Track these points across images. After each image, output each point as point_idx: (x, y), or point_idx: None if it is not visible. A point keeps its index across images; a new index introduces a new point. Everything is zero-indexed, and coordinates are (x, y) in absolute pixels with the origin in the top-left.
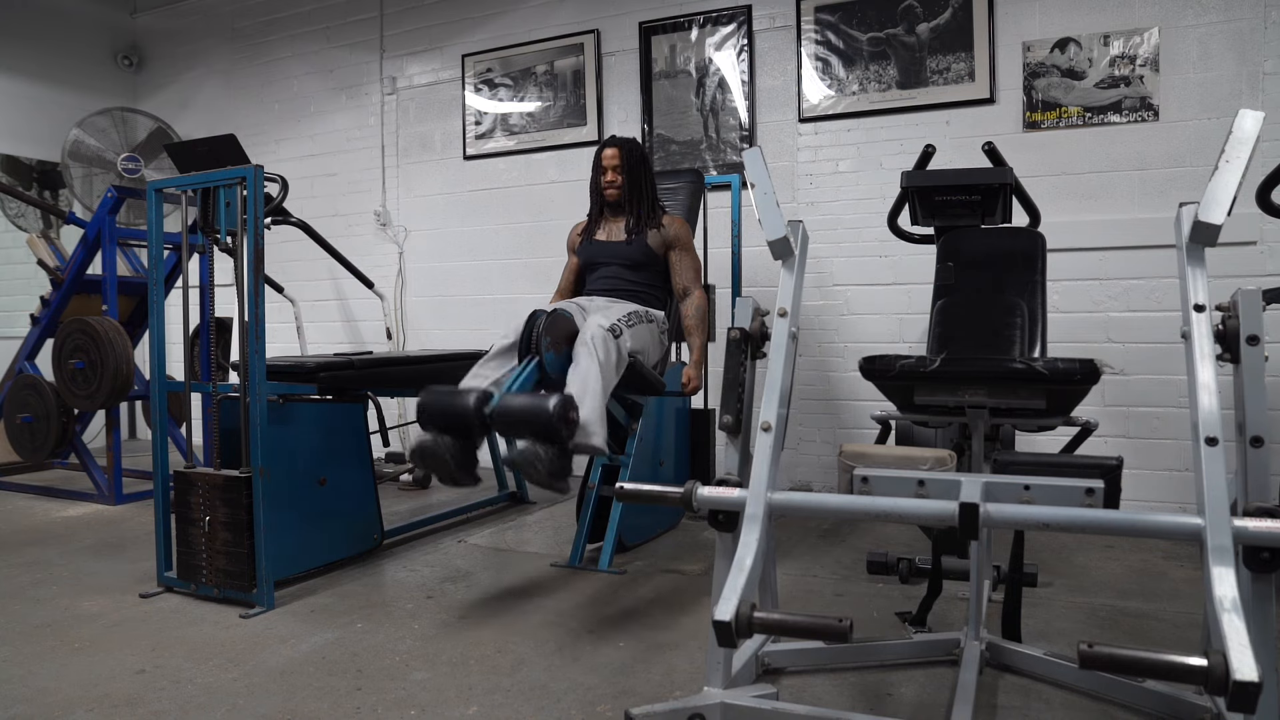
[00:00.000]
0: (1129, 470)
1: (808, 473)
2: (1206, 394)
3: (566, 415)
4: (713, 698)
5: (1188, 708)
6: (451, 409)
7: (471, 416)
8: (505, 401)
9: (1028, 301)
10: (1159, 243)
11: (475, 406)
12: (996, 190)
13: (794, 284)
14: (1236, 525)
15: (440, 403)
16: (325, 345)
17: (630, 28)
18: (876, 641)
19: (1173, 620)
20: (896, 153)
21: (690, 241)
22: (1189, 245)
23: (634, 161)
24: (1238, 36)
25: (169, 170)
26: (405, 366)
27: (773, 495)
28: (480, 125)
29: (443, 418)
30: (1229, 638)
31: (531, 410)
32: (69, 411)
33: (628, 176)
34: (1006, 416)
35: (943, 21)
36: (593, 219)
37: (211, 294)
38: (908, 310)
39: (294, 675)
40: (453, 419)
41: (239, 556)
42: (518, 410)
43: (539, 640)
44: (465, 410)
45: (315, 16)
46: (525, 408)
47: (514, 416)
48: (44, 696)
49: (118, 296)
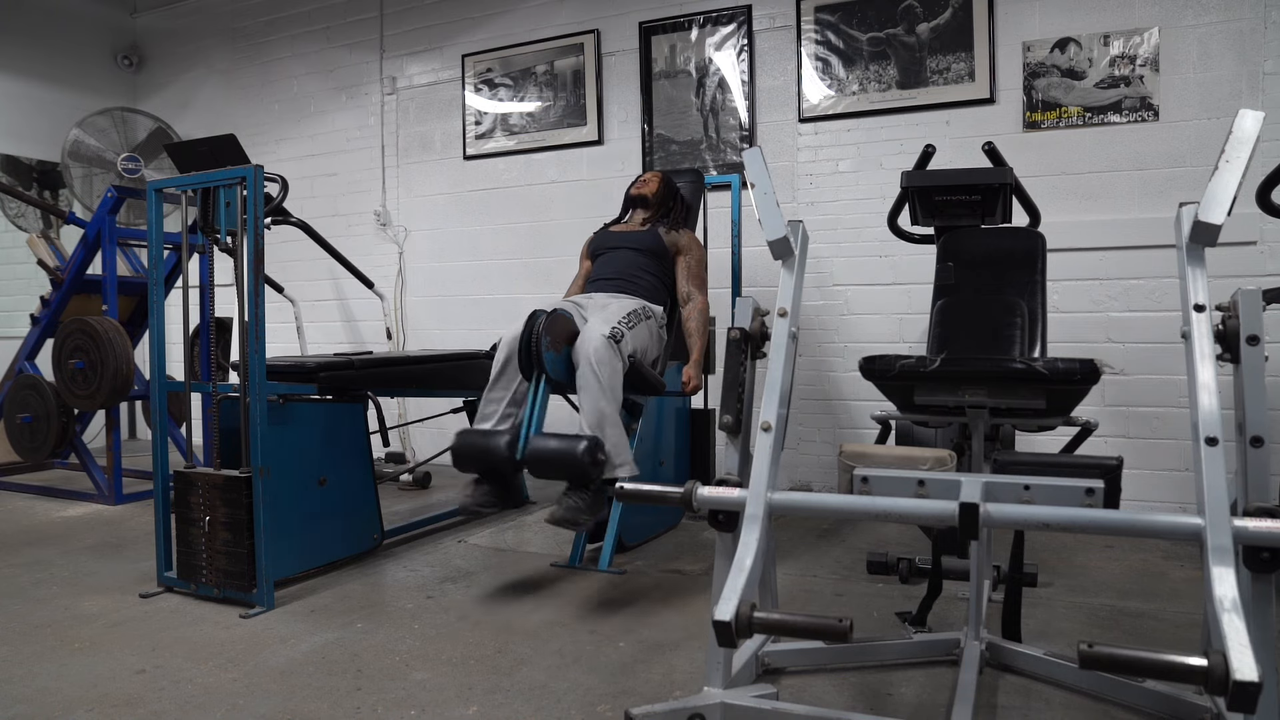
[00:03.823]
0: (1129, 470)
1: (808, 473)
2: (1206, 394)
3: (595, 457)
4: (713, 698)
5: (1188, 708)
6: (485, 453)
7: (505, 462)
8: (535, 445)
9: (1028, 301)
10: (1159, 243)
11: (507, 452)
12: (996, 190)
13: (794, 284)
14: (1236, 525)
15: (474, 445)
16: (325, 345)
17: (630, 28)
18: (876, 641)
19: (1173, 620)
20: (896, 153)
21: (701, 255)
22: (1189, 245)
23: (671, 186)
24: (1238, 36)
25: (169, 170)
26: (405, 366)
27: (773, 495)
28: (480, 125)
29: (478, 462)
30: (1229, 638)
31: (563, 456)
32: (69, 411)
33: (663, 187)
34: (1006, 416)
35: (943, 21)
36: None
37: (211, 294)
38: (908, 310)
39: (294, 675)
40: (487, 463)
41: (239, 556)
42: (549, 455)
43: (539, 640)
44: (499, 455)
45: (315, 16)
46: (556, 453)
47: (546, 462)
48: (44, 696)
49: (118, 296)
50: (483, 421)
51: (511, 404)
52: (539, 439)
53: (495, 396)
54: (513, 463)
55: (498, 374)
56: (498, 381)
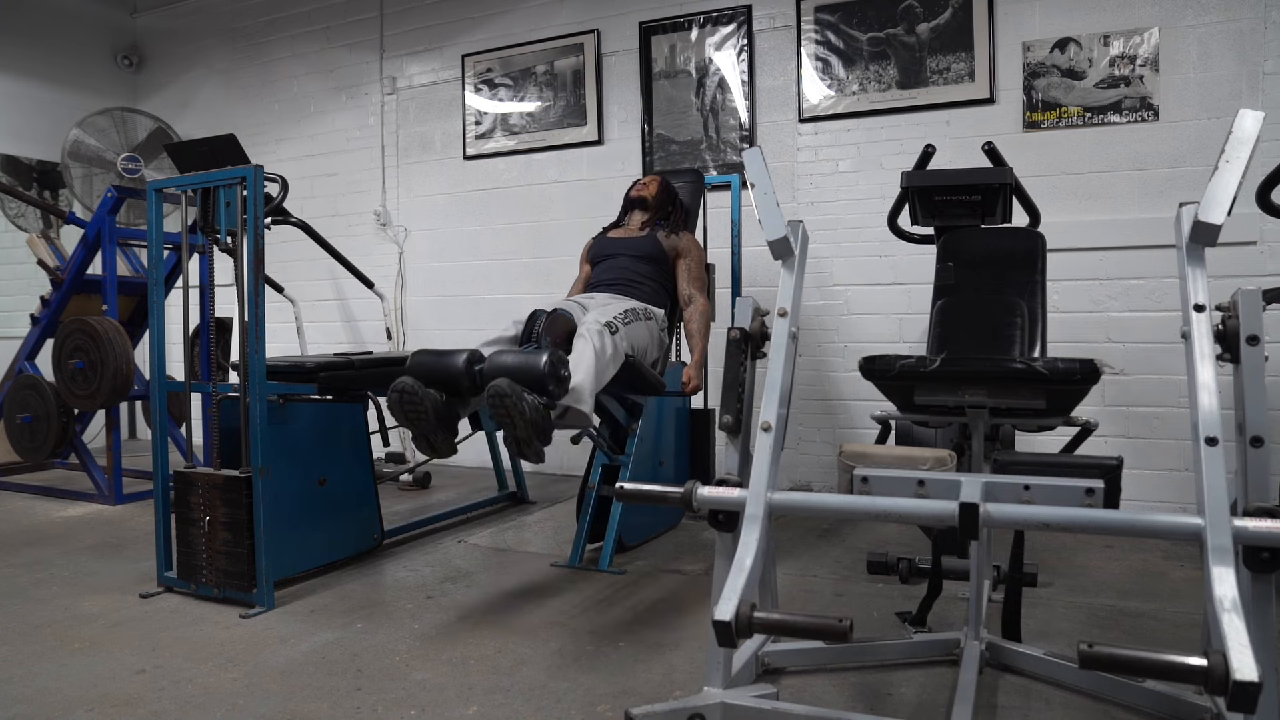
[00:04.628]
0: (1129, 470)
1: (808, 473)
2: (1206, 394)
3: (558, 373)
4: (713, 698)
5: (1188, 708)
6: (440, 366)
7: (461, 373)
8: (496, 358)
9: (1028, 301)
10: (1159, 243)
11: (465, 364)
12: (996, 190)
13: (794, 284)
14: (1236, 525)
15: (428, 361)
16: (325, 345)
17: (630, 28)
18: (876, 641)
19: (1173, 620)
20: (896, 153)
21: (701, 258)
22: (1189, 245)
23: (670, 189)
24: (1238, 36)
25: (169, 170)
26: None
27: (773, 495)
28: (480, 125)
29: (430, 374)
30: (1229, 638)
31: (523, 364)
32: (69, 411)
33: (663, 191)
34: (1006, 416)
35: (943, 21)
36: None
37: (211, 294)
38: (908, 310)
39: (294, 675)
40: (441, 374)
41: (239, 556)
42: (509, 364)
43: (539, 640)
44: (454, 366)
45: (315, 16)
46: (517, 362)
47: (504, 370)
48: (44, 696)
49: (118, 296)
50: None
51: None
52: (502, 353)
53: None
54: (470, 376)
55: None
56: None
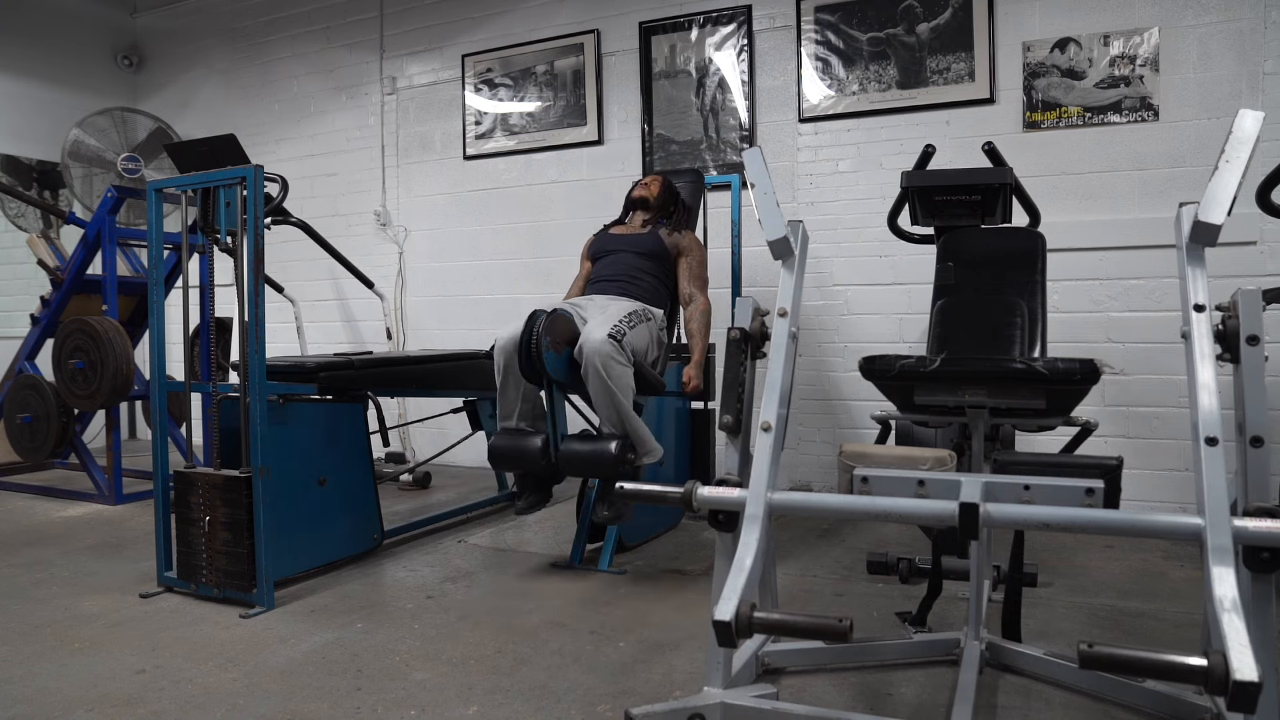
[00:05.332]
0: (1129, 470)
1: (808, 473)
2: (1206, 394)
3: (625, 456)
4: (713, 698)
5: (1188, 708)
6: (521, 455)
7: (541, 467)
8: (567, 450)
9: (1028, 301)
10: (1159, 243)
11: (543, 457)
12: (996, 190)
13: (794, 284)
14: (1236, 525)
15: (510, 447)
16: (325, 345)
17: (630, 28)
18: (876, 641)
19: (1173, 620)
20: (896, 153)
21: (703, 257)
22: (1189, 245)
23: (672, 188)
24: (1238, 36)
25: (169, 170)
26: (405, 366)
27: (773, 495)
28: (480, 125)
29: (514, 463)
30: (1229, 638)
31: (596, 458)
32: (69, 411)
33: (664, 190)
34: (1006, 416)
35: (943, 21)
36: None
37: (211, 294)
38: (908, 310)
39: (294, 675)
40: (523, 465)
41: (239, 556)
42: (583, 458)
43: (539, 640)
44: (534, 457)
45: (315, 16)
46: (590, 456)
47: (581, 464)
48: (44, 696)
49: (118, 296)
50: (505, 420)
51: (525, 399)
52: (569, 443)
53: (509, 396)
54: (549, 466)
55: (502, 379)
56: (505, 383)
